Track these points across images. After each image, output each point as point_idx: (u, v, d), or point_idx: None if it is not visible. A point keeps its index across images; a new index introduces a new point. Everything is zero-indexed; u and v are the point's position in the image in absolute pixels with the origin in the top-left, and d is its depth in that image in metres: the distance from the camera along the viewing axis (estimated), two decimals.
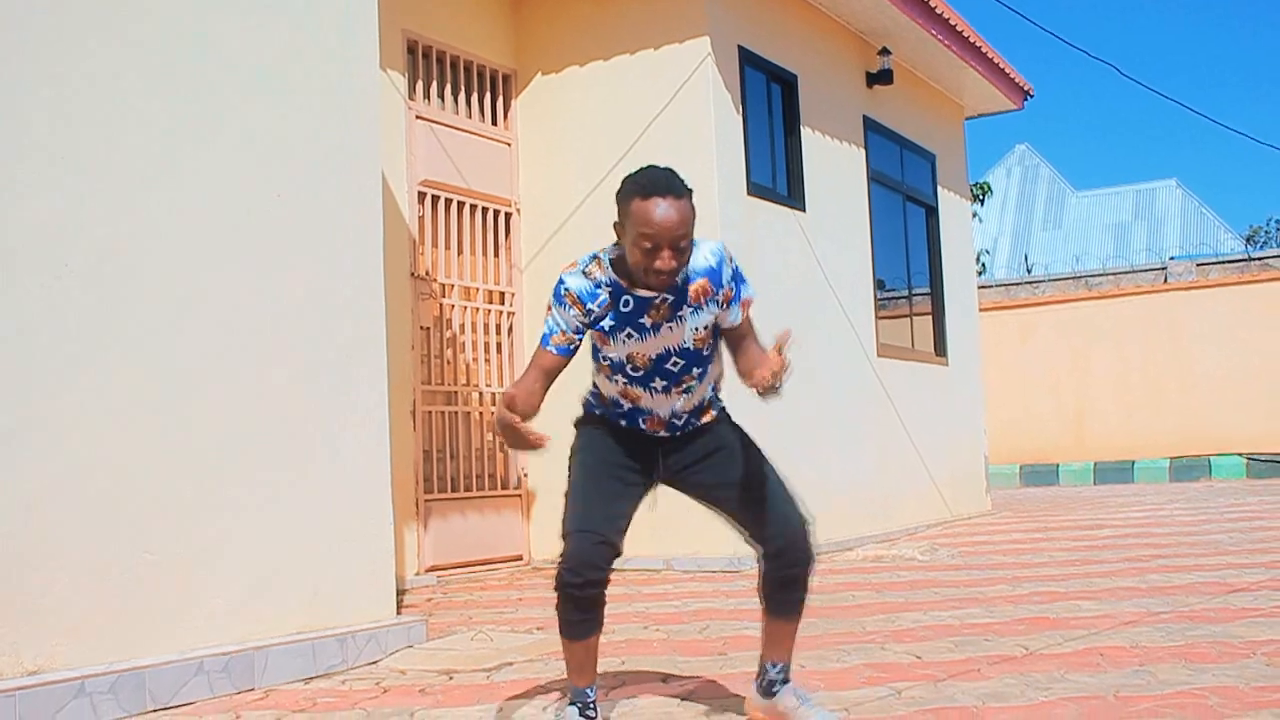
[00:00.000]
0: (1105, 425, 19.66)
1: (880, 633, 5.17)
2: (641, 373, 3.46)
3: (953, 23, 10.96)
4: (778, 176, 9.17)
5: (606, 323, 3.41)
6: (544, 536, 8.79)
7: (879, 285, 11.06)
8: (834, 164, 9.97)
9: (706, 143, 8.19)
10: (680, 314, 3.41)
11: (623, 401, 3.53)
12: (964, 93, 12.79)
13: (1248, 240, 40.46)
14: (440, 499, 8.14)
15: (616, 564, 3.59)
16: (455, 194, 8.48)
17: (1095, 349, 19.91)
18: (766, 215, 8.82)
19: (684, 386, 3.49)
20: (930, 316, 12.08)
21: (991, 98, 13.01)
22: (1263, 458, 18.14)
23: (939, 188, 12.34)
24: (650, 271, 3.26)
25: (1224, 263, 21.18)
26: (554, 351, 3.43)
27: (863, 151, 10.52)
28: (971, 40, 11.49)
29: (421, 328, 8.14)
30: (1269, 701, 3.55)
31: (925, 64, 11.65)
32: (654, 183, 3.25)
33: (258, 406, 4.78)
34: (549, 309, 3.46)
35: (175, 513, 4.42)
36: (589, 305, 3.41)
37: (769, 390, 3.17)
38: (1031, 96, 13.41)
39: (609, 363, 3.49)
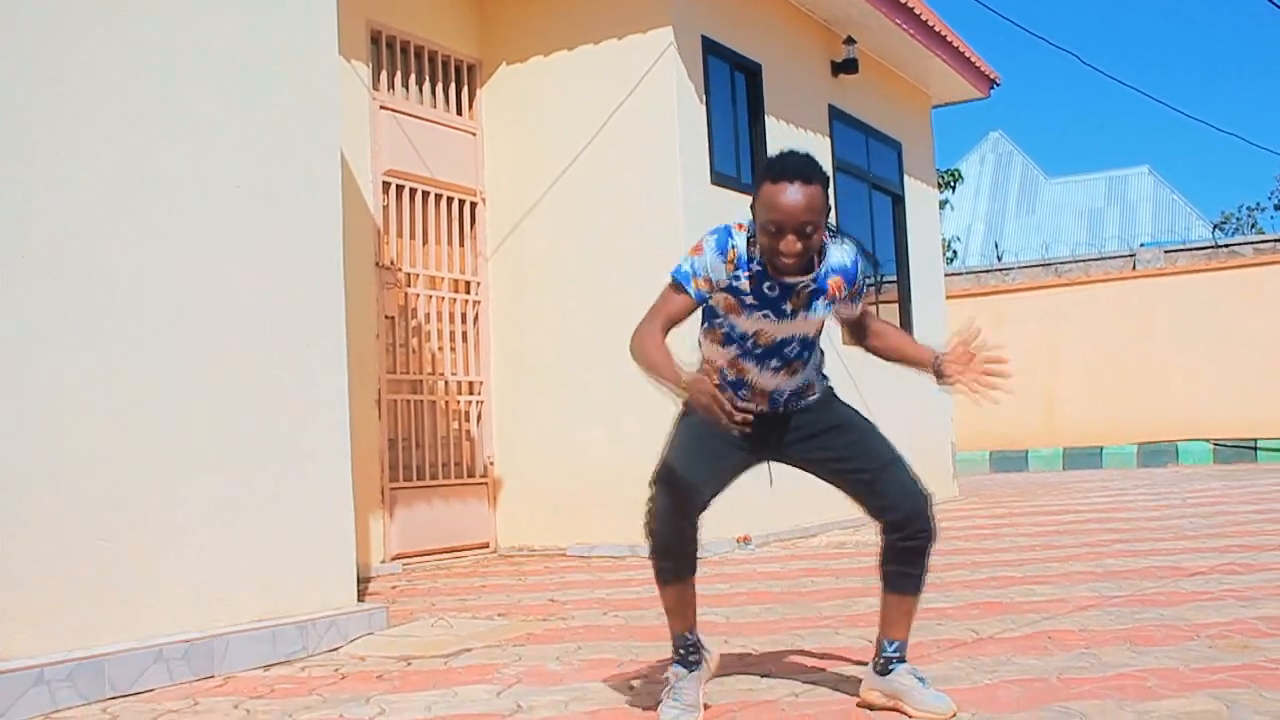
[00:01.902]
0: (1074, 411, 19.80)
1: (835, 618, 5.23)
2: (761, 350, 3.51)
3: (918, 12, 11.02)
4: (742, 165, 9.21)
5: (749, 299, 3.44)
6: (510, 524, 8.84)
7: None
8: None
9: (669, 132, 8.23)
10: (815, 304, 3.48)
11: (728, 371, 3.58)
12: (930, 81, 12.86)
13: (1217, 226, 40.67)
14: (406, 487, 8.18)
15: (585, 551, 3.63)
16: (420, 184, 8.50)
17: (1065, 336, 20.05)
18: (730, 204, 8.84)
19: (793, 368, 3.56)
20: (897, 304, 12.15)
21: (958, 86, 13.09)
22: (1229, 443, 18.32)
23: (905, 176, 12.41)
24: (776, 254, 3.31)
25: (1192, 250, 21.32)
26: (692, 294, 3.41)
27: (828, 140, 10.58)
28: (937, 29, 11.56)
29: (386, 317, 8.17)
30: (1206, 683, 3.62)
31: (891, 53, 11.71)
32: (785, 168, 3.30)
33: (215, 395, 4.80)
34: (698, 249, 3.42)
35: (135, 501, 4.45)
36: (738, 271, 3.41)
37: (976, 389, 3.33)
38: (998, 85, 13.51)
39: (726, 332, 3.53)
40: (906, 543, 3.51)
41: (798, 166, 3.30)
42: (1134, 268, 20.95)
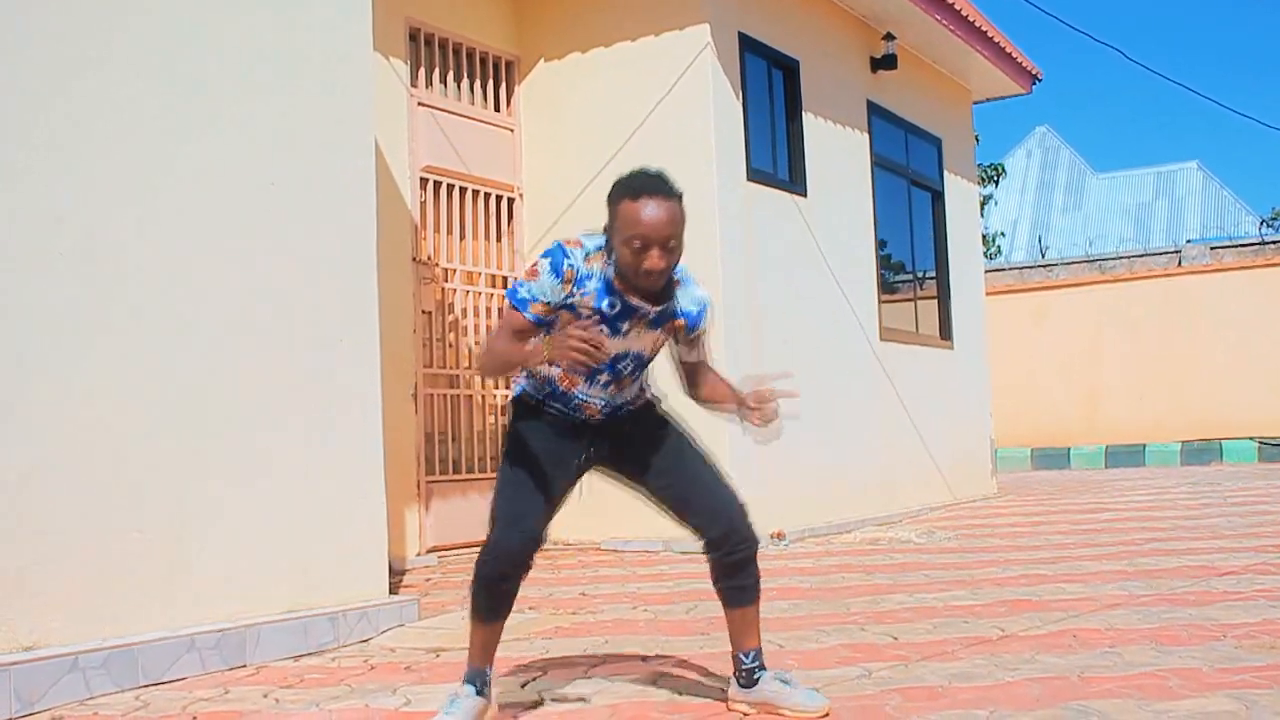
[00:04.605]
0: (1117, 408, 19.64)
1: (863, 614, 5.25)
2: (593, 366, 3.50)
3: (958, 7, 10.98)
4: (779, 161, 9.23)
5: (587, 314, 3.40)
6: None
7: (898, 268, 11.15)
8: (837, 149, 10.02)
9: (705, 128, 8.25)
10: (654, 333, 3.50)
11: (557, 384, 3.54)
12: (971, 77, 12.80)
13: (1265, 222, 40.12)
14: (441, 480, 8.25)
15: (620, 545, 3.65)
16: (458, 179, 8.57)
17: (1109, 332, 19.89)
18: (766, 199, 8.89)
19: (622, 384, 3.56)
20: (936, 300, 12.12)
21: (999, 82, 13.02)
22: (1274, 442, 18.13)
23: (945, 172, 12.37)
24: (640, 273, 3.28)
25: (1238, 246, 21.10)
26: (530, 318, 3.36)
27: (866, 136, 10.56)
28: (977, 24, 11.50)
29: (423, 312, 8.24)
30: (1228, 683, 3.62)
31: (931, 48, 11.67)
32: (643, 184, 3.30)
33: (249, 388, 4.87)
34: (533, 273, 3.35)
35: (168, 492, 4.52)
36: (576, 290, 3.36)
37: (767, 425, 3.32)
38: (1040, 80, 13.42)
39: None
40: (730, 558, 3.53)
41: (655, 183, 3.30)
42: (1180, 264, 20.76)
